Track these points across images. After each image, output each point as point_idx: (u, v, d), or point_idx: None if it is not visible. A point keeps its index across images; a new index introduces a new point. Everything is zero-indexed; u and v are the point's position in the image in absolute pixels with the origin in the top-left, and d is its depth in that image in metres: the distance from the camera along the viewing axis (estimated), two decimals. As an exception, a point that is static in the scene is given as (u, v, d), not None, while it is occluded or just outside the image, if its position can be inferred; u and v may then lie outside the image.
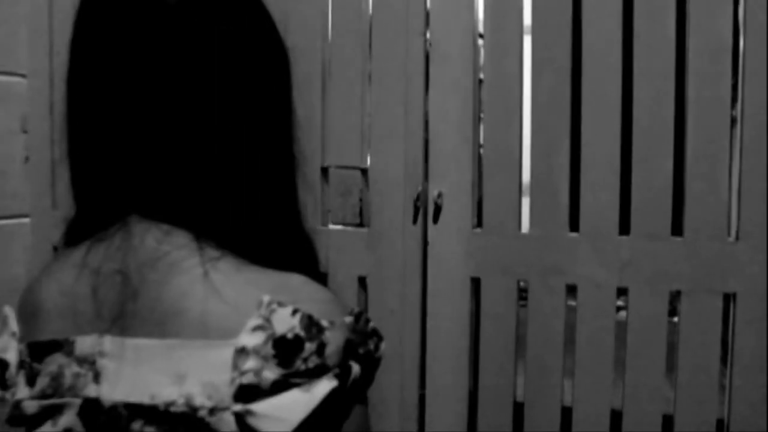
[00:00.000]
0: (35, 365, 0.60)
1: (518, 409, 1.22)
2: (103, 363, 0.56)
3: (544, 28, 1.17)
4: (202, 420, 0.52)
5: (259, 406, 0.52)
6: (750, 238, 1.07)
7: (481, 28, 1.23)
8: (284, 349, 0.52)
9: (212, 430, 0.52)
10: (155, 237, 0.58)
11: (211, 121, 0.58)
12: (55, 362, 0.58)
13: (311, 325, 0.53)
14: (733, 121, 1.09)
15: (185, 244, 0.57)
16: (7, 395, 0.61)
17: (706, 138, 1.09)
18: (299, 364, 0.52)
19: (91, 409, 0.56)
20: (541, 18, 1.18)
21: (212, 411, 0.52)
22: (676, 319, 1.12)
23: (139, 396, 0.54)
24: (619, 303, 1.16)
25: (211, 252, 0.57)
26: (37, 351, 0.60)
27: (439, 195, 1.23)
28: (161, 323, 0.55)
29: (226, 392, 0.52)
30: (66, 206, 1.62)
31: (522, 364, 1.22)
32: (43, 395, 0.58)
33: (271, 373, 0.52)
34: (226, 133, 0.58)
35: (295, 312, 0.53)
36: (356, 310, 0.57)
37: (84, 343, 0.58)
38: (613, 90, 1.13)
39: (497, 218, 1.21)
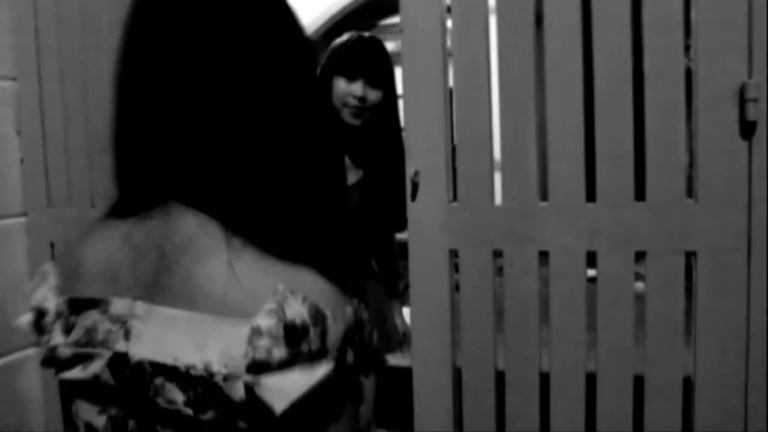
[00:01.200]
0: (72, 318, 0.68)
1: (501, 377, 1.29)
2: (133, 323, 0.64)
3: (509, 8, 1.23)
4: (216, 384, 0.60)
5: (267, 379, 0.59)
6: (707, 199, 1.14)
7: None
8: (292, 332, 0.59)
9: (224, 394, 0.60)
10: (190, 224, 0.66)
11: (244, 124, 0.65)
12: (90, 317, 0.67)
13: (317, 313, 0.60)
14: (688, 88, 1.15)
15: (215, 233, 0.65)
16: (43, 340, 0.71)
17: (663, 107, 1.15)
18: (304, 347, 0.59)
19: (120, 361, 0.64)
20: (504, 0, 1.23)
21: (226, 378, 0.59)
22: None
23: (163, 356, 0.62)
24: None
25: (236, 242, 0.64)
26: (75, 306, 0.69)
27: (416, 173, 1.30)
28: (189, 298, 0.63)
29: (241, 363, 0.59)
30: (60, 204, 1.68)
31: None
32: (77, 344, 0.67)
33: (279, 352, 0.59)
34: (255, 136, 0.66)
35: (304, 300, 0.61)
36: (355, 302, 0.65)
37: (119, 305, 0.66)
38: (574, 65, 1.19)
39: (471, 192, 1.27)
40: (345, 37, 1.73)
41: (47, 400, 1.81)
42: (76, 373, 0.67)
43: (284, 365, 0.59)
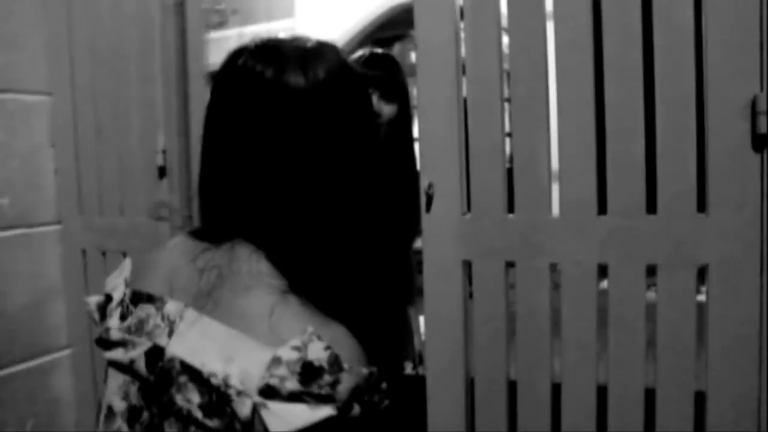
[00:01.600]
0: (130, 307, 0.78)
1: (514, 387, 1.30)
2: (179, 325, 0.74)
3: (520, 23, 1.25)
4: (229, 396, 0.67)
5: (273, 405, 0.65)
6: (719, 212, 1.14)
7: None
8: (308, 371, 0.66)
9: (232, 408, 0.66)
10: (250, 261, 0.75)
11: (312, 188, 0.75)
12: (145, 310, 0.77)
13: (335, 363, 0.67)
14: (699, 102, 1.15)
15: (268, 273, 0.74)
16: (102, 323, 0.80)
17: (674, 123, 1.16)
18: (314, 388, 0.65)
19: (156, 353, 0.73)
20: (517, 12, 1.25)
21: (239, 393, 0.66)
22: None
23: (193, 359, 0.70)
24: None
25: (285, 284, 0.73)
26: (136, 297, 0.79)
27: (430, 186, 1.32)
28: (230, 315, 0.72)
29: (255, 384, 0.66)
30: (91, 213, 1.74)
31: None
32: (128, 330, 0.77)
33: (291, 385, 0.65)
34: (320, 198, 0.75)
35: (327, 348, 0.67)
36: (374, 369, 0.71)
37: (172, 306, 0.76)
38: (585, 79, 1.20)
39: (484, 204, 1.29)
40: (358, 54, 1.77)
41: (79, 400, 1.87)
42: (117, 354, 0.76)
43: (293, 398, 0.65)
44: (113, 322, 0.79)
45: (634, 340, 1.19)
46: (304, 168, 0.75)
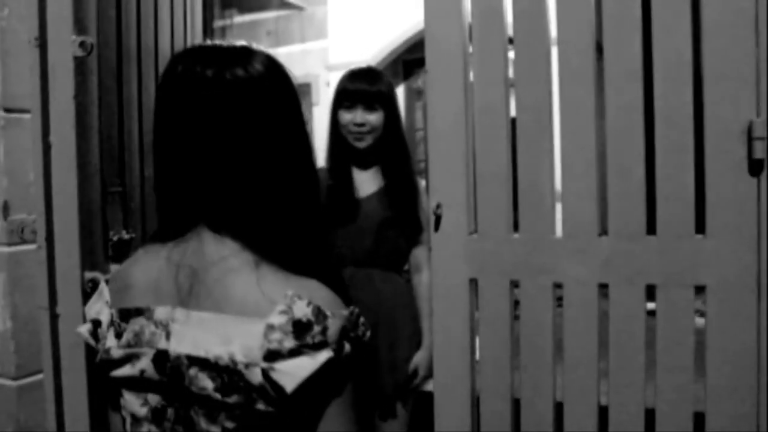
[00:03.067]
0: (122, 324, 0.85)
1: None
2: (173, 326, 0.81)
3: (525, 47, 1.30)
4: (239, 371, 0.76)
5: (279, 365, 0.75)
6: (717, 234, 1.16)
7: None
8: (299, 328, 0.75)
9: (245, 379, 0.75)
10: (219, 245, 0.83)
11: (256, 166, 0.81)
12: (138, 323, 0.83)
13: (319, 313, 0.76)
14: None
15: (237, 252, 0.82)
16: (99, 346, 0.87)
17: (673, 147, 1.19)
18: (308, 339, 0.75)
19: (161, 357, 0.81)
20: (522, 41, 1.30)
21: (247, 365, 0.75)
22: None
23: (197, 351, 0.78)
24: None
25: (255, 258, 0.81)
26: (124, 314, 0.85)
27: (438, 206, 1.37)
28: (216, 303, 0.79)
29: (258, 353, 0.75)
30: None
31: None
32: (127, 345, 0.83)
33: (288, 343, 0.75)
34: (272, 177, 0.82)
35: (309, 303, 0.76)
36: (351, 308, 0.80)
37: (161, 312, 0.82)
38: (587, 103, 1.25)
39: (491, 224, 1.33)
40: (344, 72, 1.91)
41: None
42: (126, 370, 0.83)
43: (293, 353, 0.75)
44: (110, 342, 0.85)
45: (634, 360, 1.22)
46: (256, 150, 0.81)
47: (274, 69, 0.84)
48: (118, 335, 0.84)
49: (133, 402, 0.84)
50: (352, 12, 6.64)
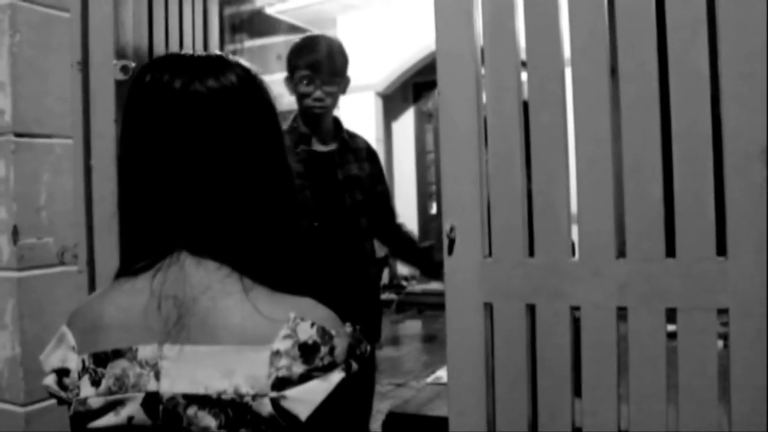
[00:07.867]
0: (99, 370, 0.76)
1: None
2: (163, 364, 0.74)
3: (538, 67, 1.29)
4: (246, 404, 0.70)
5: (290, 392, 0.70)
6: (738, 256, 1.14)
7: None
8: (306, 351, 0.71)
9: (253, 412, 0.70)
10: (204, 270, 0.76)
11: (232, 181, 0.77)
12: (119, 366, 0.76)
13: (324, 333, 0.72)
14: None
15: (227, 276, 0.76)
16: (69, 395, 0.79)
17: (692, 167, 1.17)
18: (318, 362, 0.71)
19: (153, 400, 0.73)
20: (535, 57, 1.29)
21: (254, 397, 0.70)
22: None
23: (195, 388, 0.72)
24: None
25: (247, 282, 0.75)
26: (101, 359, 0.77)
27: (452, 229, 1.35)
28: (212, 334, 0.73)
29: (266, 383, 0.70)
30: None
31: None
32: (109, 392, 0.75)
33: (298, 368, 0.71)
34: (243, 191, 0.77)
35: (312, 324, 0.72)
36: (350, 324, 0.76)
37: (146, 350, 0.75)
38: (603, 124, 1.23)
39: (506, 247, 1.31)
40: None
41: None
42: (108, 419, 0.75)
43: (304, 378, 0.70)
44: (86, 391, 0.76)
45: (655, 384, 1.19)
46: (230, 166, 0.76)
47: (249, 80, 0.80)
48: (95, 383, 0.76)
49: None
50: (361, 35, 6.69)
